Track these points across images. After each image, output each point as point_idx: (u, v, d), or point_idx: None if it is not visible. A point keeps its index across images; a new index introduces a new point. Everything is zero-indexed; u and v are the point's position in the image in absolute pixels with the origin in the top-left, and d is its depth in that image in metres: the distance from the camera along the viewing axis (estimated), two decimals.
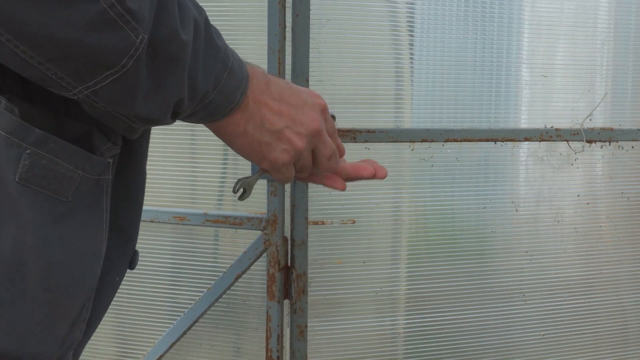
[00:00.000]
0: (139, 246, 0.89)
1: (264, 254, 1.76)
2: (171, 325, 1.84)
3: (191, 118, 0.76)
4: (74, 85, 0.63)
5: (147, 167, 0.88)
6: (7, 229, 0.64)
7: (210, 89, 0.73)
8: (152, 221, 1.79)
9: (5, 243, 0.64)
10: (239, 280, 1.80)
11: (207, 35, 0.72)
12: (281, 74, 1.66)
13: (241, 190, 0.89)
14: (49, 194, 0.67)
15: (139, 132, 0.77)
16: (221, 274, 1.81)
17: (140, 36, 0.63)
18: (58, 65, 0.61)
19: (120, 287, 0.87)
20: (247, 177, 0.90)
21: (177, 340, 1.83)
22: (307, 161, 0.87)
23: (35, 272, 0.66)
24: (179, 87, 0.69)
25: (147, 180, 0.88)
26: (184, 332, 1.83)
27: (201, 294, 1.83)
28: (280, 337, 1.75)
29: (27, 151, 0.65)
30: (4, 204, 0.63)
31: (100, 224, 0.74)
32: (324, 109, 0.87)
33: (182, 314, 1.84)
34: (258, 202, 1.77)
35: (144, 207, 1.44)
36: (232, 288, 1.81)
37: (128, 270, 0.88)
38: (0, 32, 0.58)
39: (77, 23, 0.59)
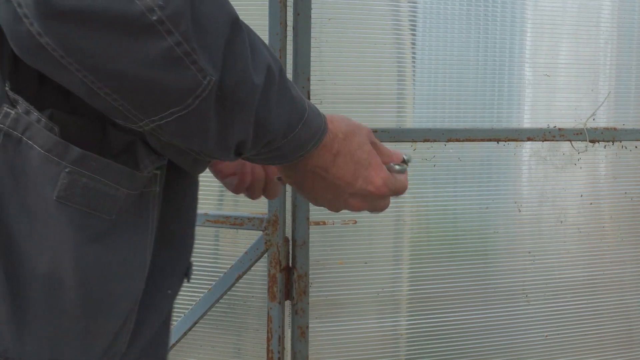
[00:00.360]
0: None
1: (265, 255, 1.74)
2: (172, 326, 1.83)
3: (258, 158, 0.76)
4: (140, 118, 0.63)
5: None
6: (45, 246, 0.64)
7: (279, 137, 0.73)
8: None
9: (43, 259, 0.64)
10: (240, 280, 1.79)
11: (281, 83, 0.72)
12: None
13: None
14: (89, 211, 0.66)
15: (203, 168, 0.77)
16: (222, 274, 1.80)
17: (208, 77, 0.62)
18: (124, 98, 0.61)
19: None
20: None
21: (177, 342, 1.82)
22: (374, 203, 0.89)
23: (71, 287, 0.66)
24: (244, 130, 0.69)
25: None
26: (184, 333, 1.82)
27: (201, 295, 1.81)
28: (281, 338, 1.75)
29: (67, 169, 0.65)
30: (43, 221, 0.64)
31: (145, 237, 0.73)
32: (375, 196, 0.87)
33: (183, 315, 1.83)
34: (259, 202, 1.76)
35: None
36: (232, 289, 1.80)
37: None
38: (70, 61, 0.58)
39: (143, 58, 0.59)
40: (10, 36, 0.59)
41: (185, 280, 0.86)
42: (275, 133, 0.72)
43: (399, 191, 0.89)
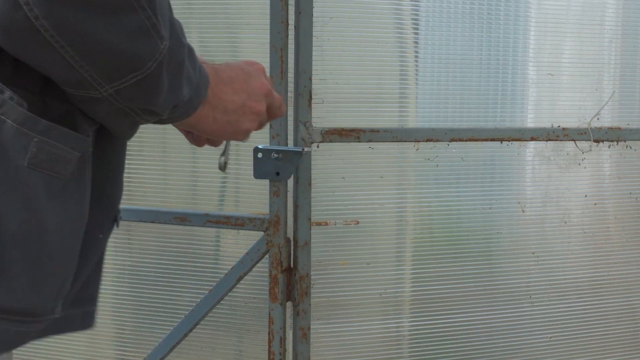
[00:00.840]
0: (139, 246, 0.94)
1: (267, 255, 1.73)
2: (172, 328, 1.82)
3: (174, 114, 0.87)
4: (102, 85, 0.74)
5: (147, 166, 0.99)
6: (17, 207, 0.75)
7: (194, 86, 0.86)
8: (152, 222, 1.77)
9: (14, 219, 0.74)
10: (241, 282, 1.78)
11: (188, 42, 0.84)
12: (284, 72, 1.64)
13: (225, 164, 1.10)
14: (52, 174, 0.78)
15: (134, 132, 0.87)
16: (223, 275, 1.78)
17: (164, 43, 0.76)
18: (96, 68, 0.73)
19: (121, 288, 0.98)
20: (223, 154, 1.09)
21: (177, 343, 1.81)
22: (265, 117, 1.02)
23: (37, 241, 0.77)
24: (182, 85, 0.82)
25: (147, 181, 1.01)
26: (185, 335, 1.80)
27: (202, 296, 1.80)
28: (282, 340, 1.74)
29: (35, 139, 0.75)
30: (15, 186, 0.74)
31: (85, 192, 0.84)
32: (264, 71, 1.03)
33: (183, 316, 1.82)
34: (260, 202, 1.76)
35: (144, 208, 1.44)
36: (234, 290, 1.79)
37: (128, 270, 0.96)
38: (59, 41, 0.69)
39: (122, 31, 0.71)
40: (3, 23, 0.69)
41: (115, 225, 0.97)
42: (198, 86, 0.86)
43: (277, 102, 1.05)
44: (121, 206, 0.98)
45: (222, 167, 1.10)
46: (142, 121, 0.84)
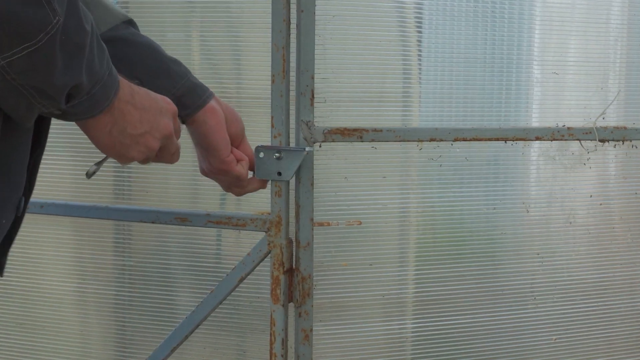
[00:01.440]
0: (139, 246, 0.94)
1: (269, 256, 1.72)
2: (173, 329, 1.82)
3: (76, 109, 0.88)
4: None
5: (152, 166, 1.03)
6: None
7: (97, 81, 0.87)
8: (153, 222, 1.75)
9: None
10: (244, 282, 1.76)
11: (97, 35, 0.86)
12: (286, 71, 1.63)
13: (93, 173, 1.11)
14: None
15: (33, 117, 0.88)
16: (224, 275, 1.77)
17: (57, 18, 0.76)
18: None
19: (122, 288, 0.99)
20: (97, 164, 1.11)
21: (179, 345, 1.80)
22: (153, 156, 1.06)
23: None
24: (80, 72, 0.83)
25: (147, 179, 1.06)
26: (186, 336, 1.80)
27: (204, 297, 1.79)
28: (284, 341, 1.73)
29: None
30: None
31: None
32: (175, 114, 1.08)
33: (184, 317, 1.81)
34: (262, 202, 1.75)
35: (145, 208, 1.44)
36: (236, 290, 1.77)
37: (128, 271, 0.99)
38: None
39: None
40: None
41: (17, 212, 0.98)
42: (96, 77, 0.86)
43: (173, 148, 1.10)
44: (118, 205, 1.02)
45: (89, 175, 1.11)
46: (40, 106, 0.84)
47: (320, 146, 1.72)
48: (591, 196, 1.93)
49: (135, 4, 1.81)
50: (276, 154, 1.47)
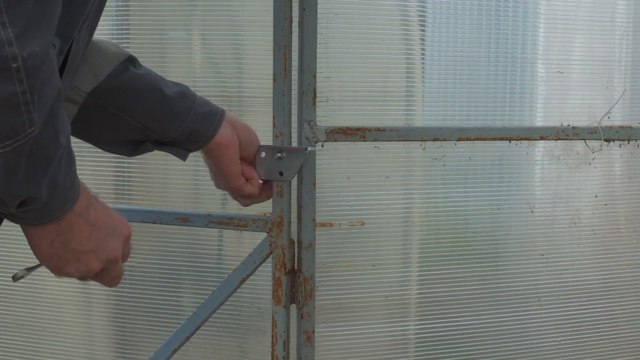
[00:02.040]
0: (139, 246, 0.99)
1: (270, 257, 1.71)
2: (174, 330, 1.81)
3: (25, 215, 0.84)
4: None
5: (152, 166, 1.04)
6: None
7: (56, 194, 0.84)
8: (154, 223, 1.73)
9: None
10: (246, 283, 1.74)
11: (69, 146, 0.84)
12: (287, 70, 1.61)
13: (21, 277, 1.03)
14: None
15: None
16: (226, 276, 1.75)
17: (33, 128, 0.73)
18: None
19: (121, 289, 0.98)
20: (28, 269, 1.03)
21: (179, 346, 1.78)
22: (91, 276, 1.00)
23: None
24: (41, 184, 0.80)
25: (149, 180, 1.06)
26: (187, 338, 1.78)
27: (205, 297, 1.78)
28: (286, 343, 1.71)
29: None
30: None
31: None
32: (127, 239, 1.02)
33: (185, 318, 1.79)
34: (264, 202, 1.74)
35: (146, 209, 1.44)
36: (238, 291, 1.75)
37: (128, 272, 1.00)
38: None
39: None
40: None
41: None
42: (60, 190, 0.84)
43: (115, 272, 1.04)
44: (119, 206, 1.09)
45: (16, 279, 1.04)
46: None
47: (322, 146, 1.70)
48: (596, 196, 1.92)
49: (136, 2, 1.80)
50: (278, 154, 1.46)
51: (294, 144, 1.66)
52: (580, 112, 1.88)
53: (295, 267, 1.72)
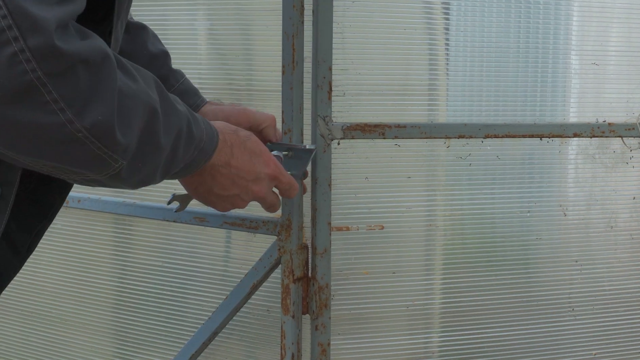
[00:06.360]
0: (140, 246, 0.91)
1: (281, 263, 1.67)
2: (178, 332, 1.83)
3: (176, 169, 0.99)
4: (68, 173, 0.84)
5: None
6: None
7: (180, 168, 0.97)
8: (174, 221, 1.77)
9: None
10: (260, 289, 1.73)
11: (189, 133, 0.94)
12: (297, 61, 1.57)
13: (176, 203, 1.18)
14: None
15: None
16: (238, 281, 1.75)
17: (120, 162, 0.82)
18: (57, 169, 0.83)
19: (124, 288, 1.06)
20: (181, 194, 1.17)
21: (198, 353, 1.79)
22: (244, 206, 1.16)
23: None
24: (155, 173, 0.92)
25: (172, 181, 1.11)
26: (205, 344, 1.78)
27: (212, 303, 1.79)
28: (295, 356, 1.68)
29: None
30: None
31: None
32: (272, 178, 1.15)
33: (192, 320, 1.83)
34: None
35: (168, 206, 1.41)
36: (250, 298, 1.75)
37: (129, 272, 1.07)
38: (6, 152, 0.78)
39: (75, 157, 0.80)
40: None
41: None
42: (179, 165, 0.95)
43: (285, 178, 1.19)
44: (144, 203, 1.29)
45: (169, 202, 1.20)
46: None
47: (338, 143, 1.66)
48: (634, 198, 1.87)
49: None
50: (285, 152, 1.40)
51: (308, 141, 1.63)
52: (617, 107, 1.83)
53: (310, 275, 1.68)
